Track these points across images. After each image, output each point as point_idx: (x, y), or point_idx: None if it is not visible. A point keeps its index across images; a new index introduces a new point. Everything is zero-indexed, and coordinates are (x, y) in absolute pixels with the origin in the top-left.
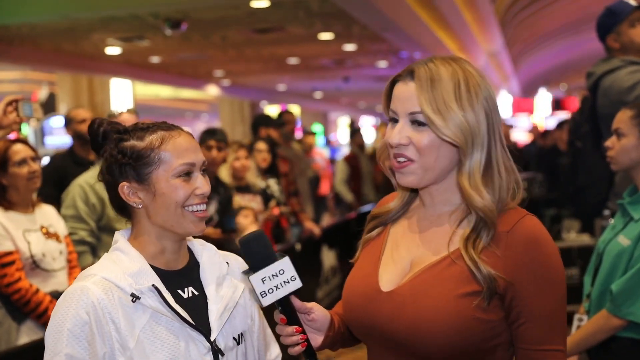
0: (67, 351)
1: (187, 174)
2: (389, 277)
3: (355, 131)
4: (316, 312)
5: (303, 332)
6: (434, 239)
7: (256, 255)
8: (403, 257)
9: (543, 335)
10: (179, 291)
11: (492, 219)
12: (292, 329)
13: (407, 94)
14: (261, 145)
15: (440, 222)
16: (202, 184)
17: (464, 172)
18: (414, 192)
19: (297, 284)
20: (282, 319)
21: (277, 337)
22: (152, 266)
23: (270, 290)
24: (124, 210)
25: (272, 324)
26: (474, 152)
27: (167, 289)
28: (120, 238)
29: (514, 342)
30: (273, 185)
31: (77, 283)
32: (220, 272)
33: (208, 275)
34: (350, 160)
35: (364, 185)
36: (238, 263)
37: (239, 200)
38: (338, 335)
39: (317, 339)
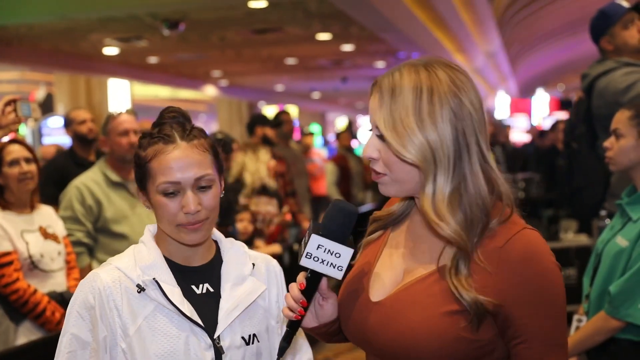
0: (73, 331)
1: (171, 193)
2: (380, 286)
3: (340, 133)
4: (329, 303)
5: (306, 308)
6: (427, 249)
7: (334, 226)
8: (397, 265)
9: (541, 356)
10: (193, 286)
11: (463, 246)
12: (300, 297)
13: (372, 106)
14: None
15: (435, 232)
16: (188, 202)
17: (425, 196)
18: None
19: (338, 275)
20: (302, 284)
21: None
22: (170, 261)
23: (316, 259)
24: None
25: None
26: (438, 173)
27: (179, 283)
28: (147, 232)
29: None
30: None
31: (94, 270)
32: (243, 271)
33: (228, 273)
34: (339, 161)
35: (353, 185)
36: (268, 266)
37: (256, 202)
38: (331, 334)
39: (311, 321)
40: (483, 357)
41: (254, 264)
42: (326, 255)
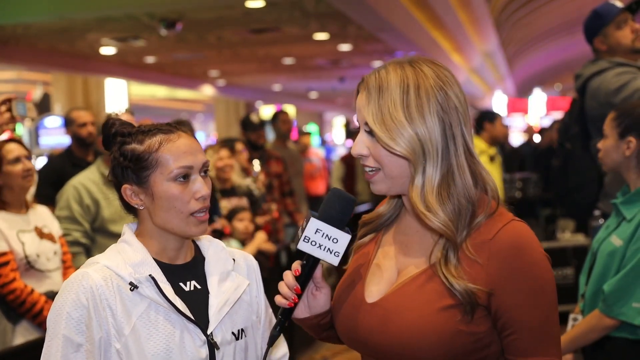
0: (65, 333)
1: (184, 177)
2: (375, 287)
3: (353, 132)
4: (322, 293)
5: (299, 296)
6: (418, 248)
7: (333, 212)
8: (390, 266)
9: (533, 347)
10: (181, 284)
11: (452, 237)
12: (295, 284)
13: (360, 104)
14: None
15: (425, 231)
16: (200, 187)
17: (414, 188)
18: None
19: (334, 260)
20: (296, 271)
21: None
22: (155, 259)
23: (313, 243)
24: (131, 208)
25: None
26: (427, 165)
27: (168, 281)
28: (127, 231)
29: (504, 353)
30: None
31: (80, 269)
32: (225, 267)
33: (212, 270)
34: (346, 159)
35: (358, 183)
36: (247, 261)
37: (225, 204)
38: (322, 328)
39: (302, 311)
40: (481, 350)
41: (234, 259)
42: (324, 240)
